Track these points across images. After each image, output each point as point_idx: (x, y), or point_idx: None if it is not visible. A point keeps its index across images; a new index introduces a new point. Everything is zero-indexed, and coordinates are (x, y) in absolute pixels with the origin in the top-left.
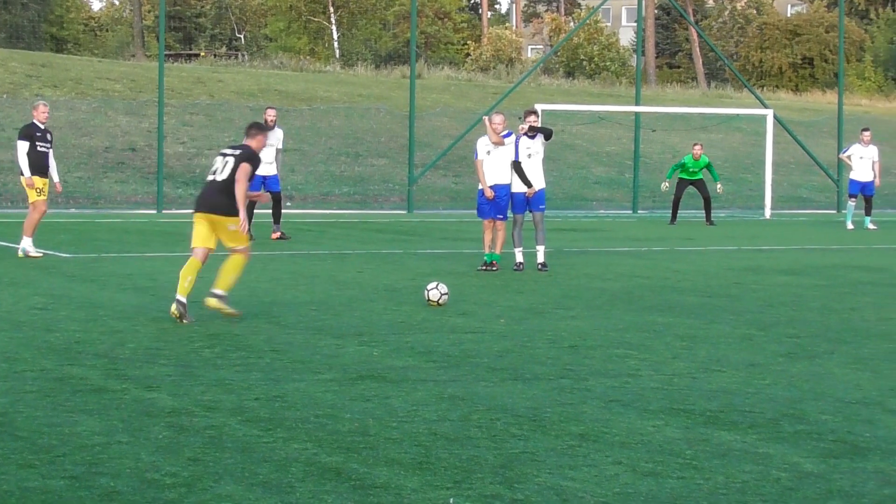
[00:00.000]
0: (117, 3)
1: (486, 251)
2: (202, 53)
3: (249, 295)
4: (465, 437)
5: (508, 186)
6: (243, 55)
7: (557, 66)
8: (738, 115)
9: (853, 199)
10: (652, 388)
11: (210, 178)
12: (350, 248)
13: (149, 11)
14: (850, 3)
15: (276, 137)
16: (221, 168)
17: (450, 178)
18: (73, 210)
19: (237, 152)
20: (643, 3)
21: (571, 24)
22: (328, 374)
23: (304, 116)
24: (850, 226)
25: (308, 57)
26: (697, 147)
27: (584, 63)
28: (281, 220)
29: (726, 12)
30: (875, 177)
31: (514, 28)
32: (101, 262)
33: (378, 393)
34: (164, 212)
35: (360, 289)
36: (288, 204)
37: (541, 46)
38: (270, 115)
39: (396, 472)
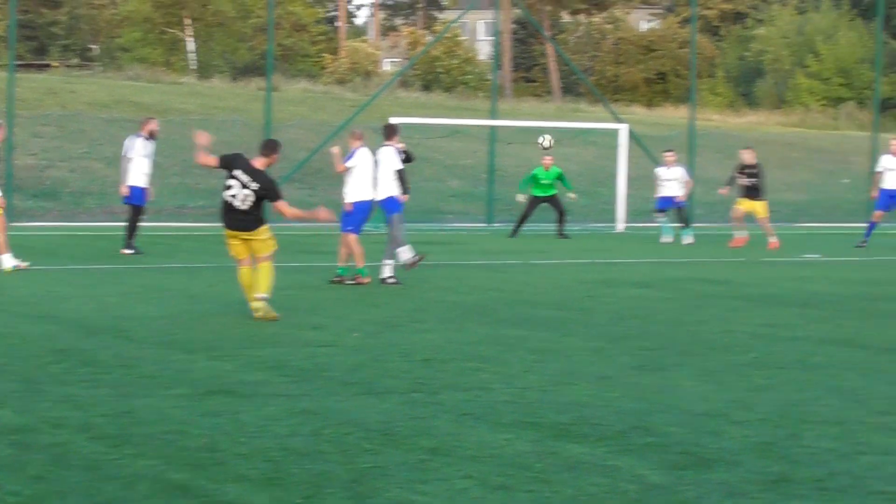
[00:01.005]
0: None
1: (340, 264)
2: (54, 64)
3: (98, 309)
4: (315, 452)
5: (368, 203)
6: (97, 66)
7: (414, 79)
8: (592, 129)
9: (661, 214)
10: (504, 402)
11: (229, 200)
12: (203, 262)
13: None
14: (702, 19)
15: (152, 149)
16: (242, 200)
17: (305, 191)
18: None
19: (257, 187)
20: (500, 17)
21: (429, 37)
22: (178, 390)
23: (159, 128)
24: (667, 239)
25: (163, 68)
26: (548, 158)
27: (442, 76)
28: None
29: (582, 27)
30: (682, 195)
31: (371, 41)
32: None
33: (228, 408)
34: (13, 224)
35: (212, 303)
36: (142, 217)
37: (398, 59)
38: (154, 125)
39: (245, 488)
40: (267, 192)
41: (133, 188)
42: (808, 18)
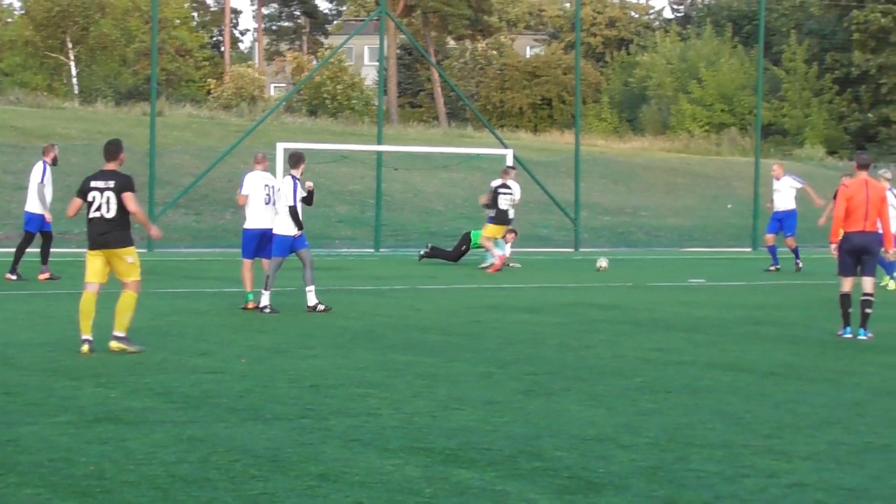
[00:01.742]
0: None
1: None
2: None
3: None
4: (203, 479)
5: (254, 231)
6: None
7: (300, 104)
8: (478, 154)
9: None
10: (392, 427)
11: (95, 215)
12: None
13: None
14: (586, 45)
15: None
16: (106, 206)
17: (191, 217)
18: None
19: (113, 184)
20: (385, 42)
21: (314, 62)
22: (64, 417)
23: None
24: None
25: (46, 93)
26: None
27: (328, 102)
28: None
29: (467, 53)
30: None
31: (256, 66)
32: None
33: (115, 435)
34: None
35: (97, 329)
36: (32, 242)
37: (284, 84)
38: (57, 152)
39: None
40: (123, 184)
41: (36, 215)
42: (691, 45)
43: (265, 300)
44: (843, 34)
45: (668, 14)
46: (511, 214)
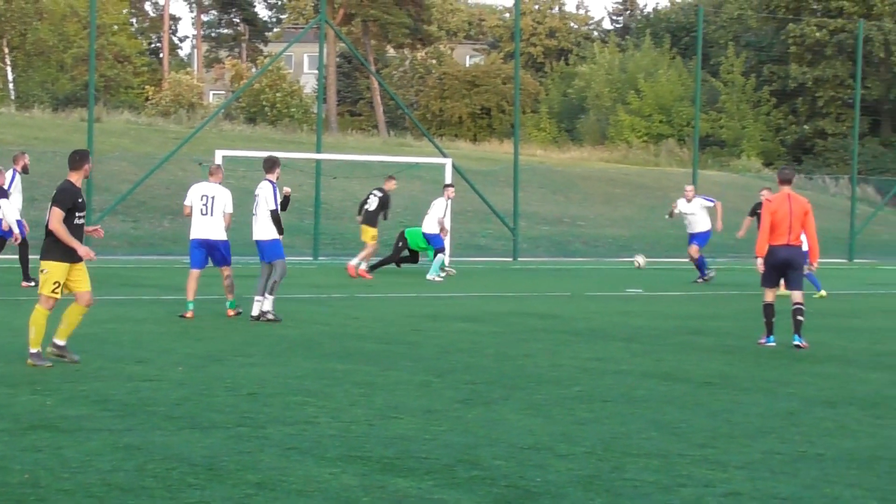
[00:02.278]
0: None
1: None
2: None
3: None
4: (139, 488)
5: (195, 241)
6: None
7: (239, 112)
8: (417, 163)
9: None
10: (330, 436)
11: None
12: (24, 295)
13: None
14: (526, 55)
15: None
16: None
17: (129, 224)
18: None
19: (54, 194)
20: (324, 50)
21: (253, 69)
22: None
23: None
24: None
25: None
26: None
27: (267, 109)
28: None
29: (407, 62)
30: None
31: (195, 73)
32: None
33: (50, 443)
34: None
35: (48, 338)
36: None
37: (223, 92)
38: (27, 160)
39: None
40: (54, 196)
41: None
42: (630, 56)
43: (268, 305)
44: (780, 47)
45: (607, 25)
46: (447, 228)
